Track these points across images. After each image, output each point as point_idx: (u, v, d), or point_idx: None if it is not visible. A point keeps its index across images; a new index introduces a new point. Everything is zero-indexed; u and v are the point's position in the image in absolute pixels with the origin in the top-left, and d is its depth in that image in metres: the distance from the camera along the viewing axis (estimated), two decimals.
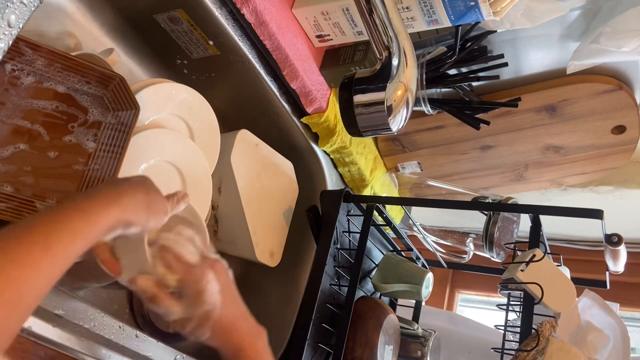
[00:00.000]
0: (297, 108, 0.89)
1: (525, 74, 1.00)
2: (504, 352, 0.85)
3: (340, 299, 0.90)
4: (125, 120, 0.66)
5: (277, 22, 0.75)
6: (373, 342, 0.83)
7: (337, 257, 0.90)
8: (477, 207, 0.95)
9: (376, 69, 0.57)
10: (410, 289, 0.93)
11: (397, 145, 1.15)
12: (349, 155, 0.99)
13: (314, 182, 0.99)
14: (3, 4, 0.44)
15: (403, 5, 0.73)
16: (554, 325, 0.76)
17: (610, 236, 0.84)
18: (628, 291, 1.43)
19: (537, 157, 1.09)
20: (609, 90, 0.94)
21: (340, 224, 0.90)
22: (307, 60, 0.83)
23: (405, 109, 0.57)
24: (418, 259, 1.08)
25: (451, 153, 1.13)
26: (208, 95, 0.91)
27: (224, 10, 0.71)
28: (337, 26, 0.80)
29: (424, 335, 0.93)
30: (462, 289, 1.73)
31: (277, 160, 0.90)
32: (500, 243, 0.96)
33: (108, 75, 0.65)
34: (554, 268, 0.77)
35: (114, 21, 0.78)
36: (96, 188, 0.49)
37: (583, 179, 1.12)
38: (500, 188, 1.17)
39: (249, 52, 0.76)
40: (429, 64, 0.90)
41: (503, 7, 0.70)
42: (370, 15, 0.55)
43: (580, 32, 0.89)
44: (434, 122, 1.09)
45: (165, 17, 0.75)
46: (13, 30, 0.45)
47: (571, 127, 1.01)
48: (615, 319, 0.85)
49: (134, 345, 0.61)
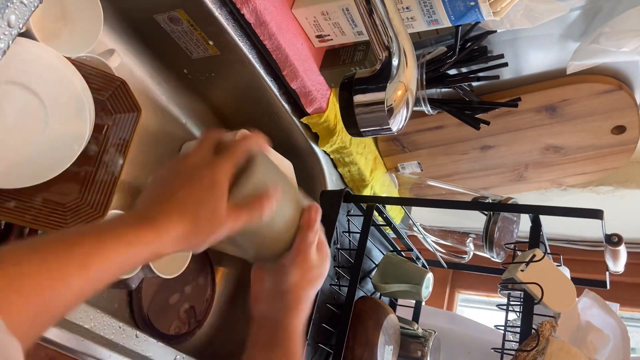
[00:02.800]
0: (297, 108, 0.89)
1: (525, 74, 1.00)
2: (504, 352, 0.85)
3: (340, 299, 0.90)
4: (127, 123, 0.66)
5: (277, 22, 0.75)
6: (373, 342, 0.83)
7: (337, 257, 0.90)
8: (477, 207, 0.95)
9: (376, 69, 0.57)
10: (410, 289, 0.93)
11: (397, 145, 1.15)
12: (349, 155, 0.99)
13: (314, 182, 0.99)
14: (3, 4, 0.44)
15: (403, 5, 0.73)
16: (554, 325, 0.76)
17: (610, 236, 0.84)
18: (628, 291, 1.43)
19: (537, 157, 1.09)
20: (609, 90, 0.94)
21: (340, 224, 0.90)
22: (307, 60, 0.83)
23: (405, 109, 0.57)
24: (418, 259, 1.08)
25: (451, 153, 1.13)
26: (208, 95, 0.92)
27: (224, 10, 0.71)
28: (337, 26, 0.80)
29: (424, 335, 0.93)
30: (462, 289, 1.73)
31: (277, 160, 0.90)
32: (500, 243, 0.96)
33: (109, 79, 0.65)
34: (554, 268, 0.77)
35: (115, 22, 0.78)
36: (140, 208, 0.45)
37: (583, 179, 1.12)
38: (500, 188, 1.17)
39: (249, 52, 0.76)
40: (429, 64, 0.90)
41: (503, 7, 0.70)
42: (370, 15, 0.55)
43: (580, 32, 0.89)
44: (434, 122, 1.09)
45: (165, 17, 0.75)
46: (13, 30, 0.45)
47: (571, 127, 1.01)
48: (615, 319, 0.85)
49: (133, 345, 0.62)
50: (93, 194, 0.64)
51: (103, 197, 0.64)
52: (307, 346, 0.78)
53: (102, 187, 0.65)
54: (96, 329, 0.56)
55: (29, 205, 0.59)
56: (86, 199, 0.64)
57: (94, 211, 0.64)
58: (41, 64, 0.58)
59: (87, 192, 0.64)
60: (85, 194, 0.64)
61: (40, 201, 0.61)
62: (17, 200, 0.59)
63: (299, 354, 0.55)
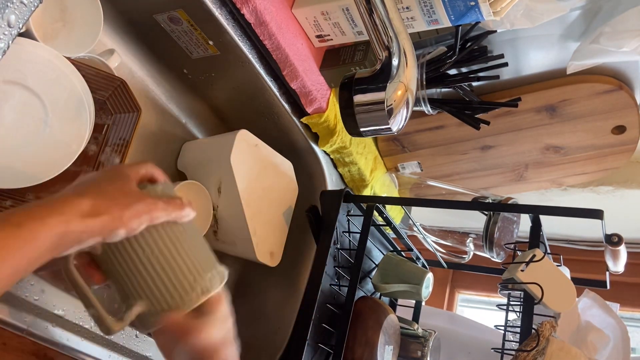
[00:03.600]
0: (297, 108, 0.89)
1: (525, 74, 1.00)
2: (504, 352, 0.85)
3: (340, 299, 0.90)
4: (127, 123, 0.66)
5: (277, 22, 0.75)
6: (373, 342, 0.83)
7: (337, 257, 0.90)
8: (477, 207, 0.95)
9: (376, 69, 0.57)
10: (410, 289, 0.93)
11: (397, 145, 1.15)
12: (349, 155, 0.99)
13: (314, 182, 0.99)
14: (3, 4, 0.44)
15: (403, 5, 0.73)
16: (554, 325, 0.76)
17: (610, 236, 0.84)
18: (628, 291, 1.43)
19: (537, 157, 1.09)
20: (609, 90, 0.94)
21: (340, 224, 0.90)
22: (307, 60, 0.83)
23: (405, 109, 0.57)
24: (418, 259, 1.08)
25: (451, 153, 1.13)
26: (208, 95, 0.92)
27: (224, 10, 0.71)
28: (337, 26, 0.80)
29: (424, 335, 0.93)
30: (462, 289, 1.73)
31: (277, 160, 0.90)
32: (500, 243, 0.96)
33: (109, 79, 0.66)
34: (554, 268, 0.77)
35: (115, 22, 0.78)
36: (52, 196, 0.42)
37: (583, 179, 1.12)
38: (500, 188, 1.17)
39: (249, 52, 0.76)
40: (429, 64, 0.90)
41: (503, 7, 0.70)
42: (370, 15, 0.55)
43: (580, 32, 0.89)
44: (434, 122, 1.09)
45: (165, 17, 0.75)
46: (13, 30, 0.45)
47: (571, 127, 1.01)
48: (615, 319, 0.85)
49: (133, 345, 0.62)
50: None
51: None
52: (307, 346, 0.78)
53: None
54: (96, 329, 0.56)
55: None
56: None
57: None
58: (41, 64, 0.58)
59: None
60: None
61: None
62: (15, 200, 0.59)
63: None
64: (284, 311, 0.93)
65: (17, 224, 0.37)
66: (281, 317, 0.93)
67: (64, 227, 0.39)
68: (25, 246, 0.37)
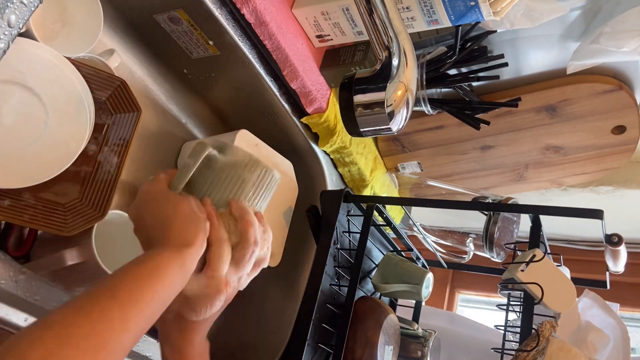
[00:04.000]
0: (297, 108, 0.89)
1: (525, 74, 1.00)
2: (504, 352, 0.85)
3: (340, 299, 0.90)
4: (127, 123, 0.66)
5: (277, 22, 0.75)
6: (373, 342, 0.83)
7: (337, 257, 0.90)
8: (477, 207, 0.95)
9: (376, 69, 0.57)
10: (410, 289, 0.93)
11: (397, 145, 1.15)
12: (349, 155, 0.99)
13: (314, 182, 0.99)
14: (3, 4, 0.44)
15: (403, 5, 0.73)
16: (554, 325, 0.76)
17: (610, 236, 0.84)
18: (628, 291, 1.43)
19: (537, 157, 1.09)
20: (609, 90, 0.94)
21: (340, 224, 0.90)
22: (307, 60, 0.83)
23: (406, 109, 0.57)
24: (418, 259, 1.08)
25: (451, 153, 1.13)
26: (208, 95, 0.92)
27: (224, 10, 0.71)
28: (337, 26, 0.80)
29: (424, 335, 0.93)
30: (462, 289, 1.73)
31: (277, 160, 0.90)
32: (500, 243, 0.96)
33: (109, 79, 0.65)
34: (554, 268, 0.77)
35: (115, 22, 0.78)
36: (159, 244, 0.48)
37: (583, 179, 1.12)
38: (500, 188, 1.17)
39: (249, 52, 0.76)
40: (429, 64, 0.90)
41: (503, 7, 0.70)
42: (370, 15, 0.55)
43: (580, 32, 0.89)
44: (434, 122, 1.09)
45: (165, 17, 0.75)
46: (13, 30, 0.45)
47: (571, 127, 1.01)
48: (615, 319, 0.85)
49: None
50: (93, 194, 0.64)
51: (103, 196, 0.64)
52: (307, 346, 0.78)
53: (102, 186, 0.65)
54: None
55: (29, 205, 0.59)
56: (86, 198, 0.64)
57: (94, 211, 0.64)
58: (41, 64, 0.58)
59: (87, 192, 0.64)
60: (85, 193, 0.64)
61: (40, 201, 0.61)
62: (15, 199, 0.59)
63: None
64: (284, 311, 0.93)
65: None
66: (281, 317, 0.93)
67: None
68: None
